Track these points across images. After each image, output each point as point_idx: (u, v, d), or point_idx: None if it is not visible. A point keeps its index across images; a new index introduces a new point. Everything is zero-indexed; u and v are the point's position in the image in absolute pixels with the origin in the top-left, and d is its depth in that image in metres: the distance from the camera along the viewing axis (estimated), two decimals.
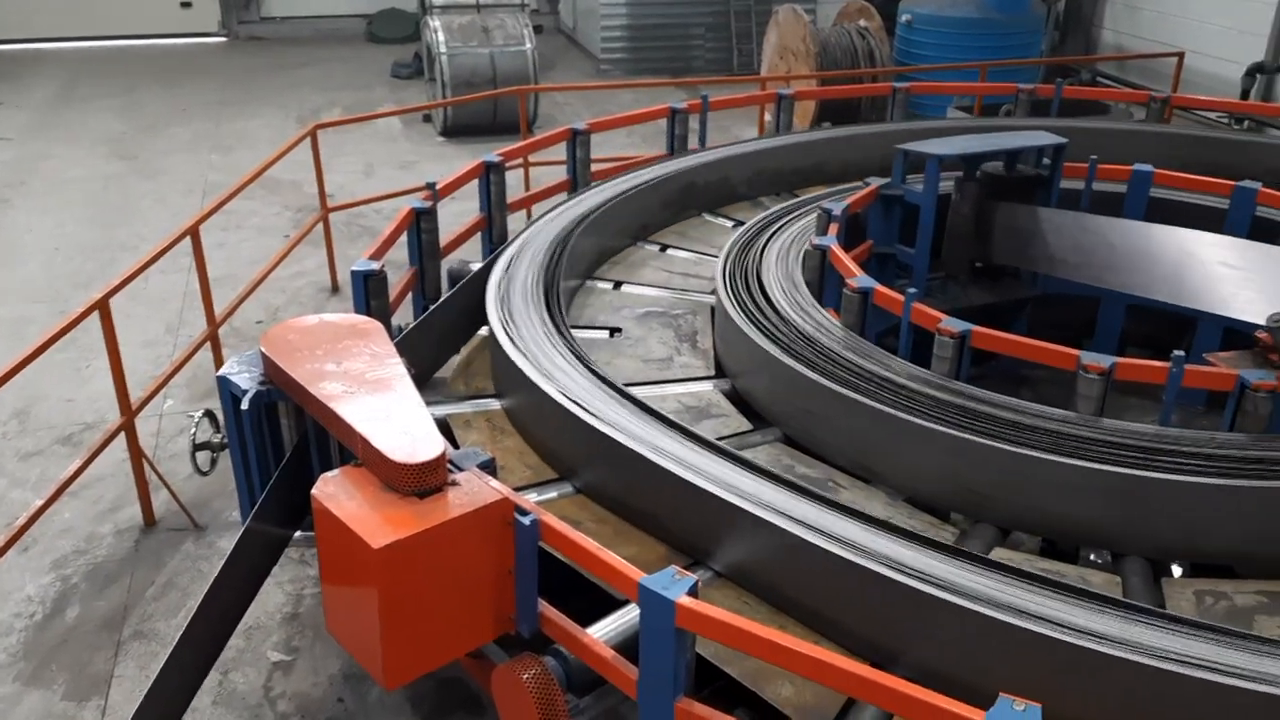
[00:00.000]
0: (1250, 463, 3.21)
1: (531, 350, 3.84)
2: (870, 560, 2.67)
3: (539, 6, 18.24)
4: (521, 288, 4.40)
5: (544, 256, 4.74)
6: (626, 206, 5.54)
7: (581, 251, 4.99)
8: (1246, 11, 11.41)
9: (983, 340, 3.85)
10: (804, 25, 10.53)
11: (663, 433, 3.33)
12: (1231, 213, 5.39)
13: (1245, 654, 2.40)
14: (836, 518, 2.90)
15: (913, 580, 2.58)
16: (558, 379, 3.62)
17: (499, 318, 4.09)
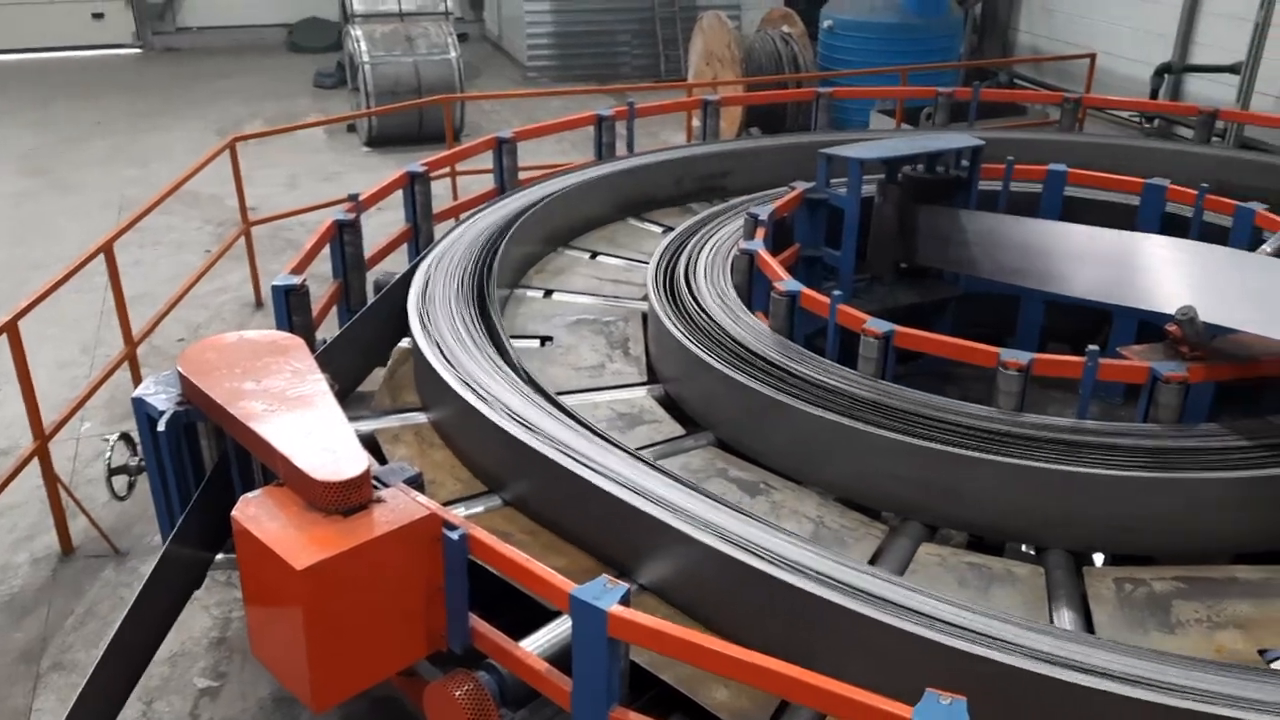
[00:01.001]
0: (1161, 453, 3.30)
1: (459, 358, 3.80)
2: (786, 572, 2.63)
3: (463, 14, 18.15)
4: (444, 295, 4.35)
5: (469, 262, 4.69)
6: (548, 212, 5.52)
7: (507, 259, 4.95)
8: (1154, 14, 11.80)
9: (906, 340, 3.90)
10: (728, 32, 10.62)
11: (587, 441, 3.30)
12: (1142, 209, 5.55)
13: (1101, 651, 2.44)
14: (758, 530, 2.86)
15: (829, 591, 2.56)
16: (482, 388, 3.58)
17: (421, 327, 4.03)
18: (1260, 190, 5.79)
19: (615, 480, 3.03)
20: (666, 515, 2.85)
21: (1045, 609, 3.02)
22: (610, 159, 6.41)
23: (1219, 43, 10.84)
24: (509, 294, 5.06)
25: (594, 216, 6.00)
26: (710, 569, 2.74)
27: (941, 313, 5.71)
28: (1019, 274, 4.89)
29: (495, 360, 3.83)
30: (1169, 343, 3.68)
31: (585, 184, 5.92)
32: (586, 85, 13.38)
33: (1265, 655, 2.80)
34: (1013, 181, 5.88)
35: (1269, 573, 3.15)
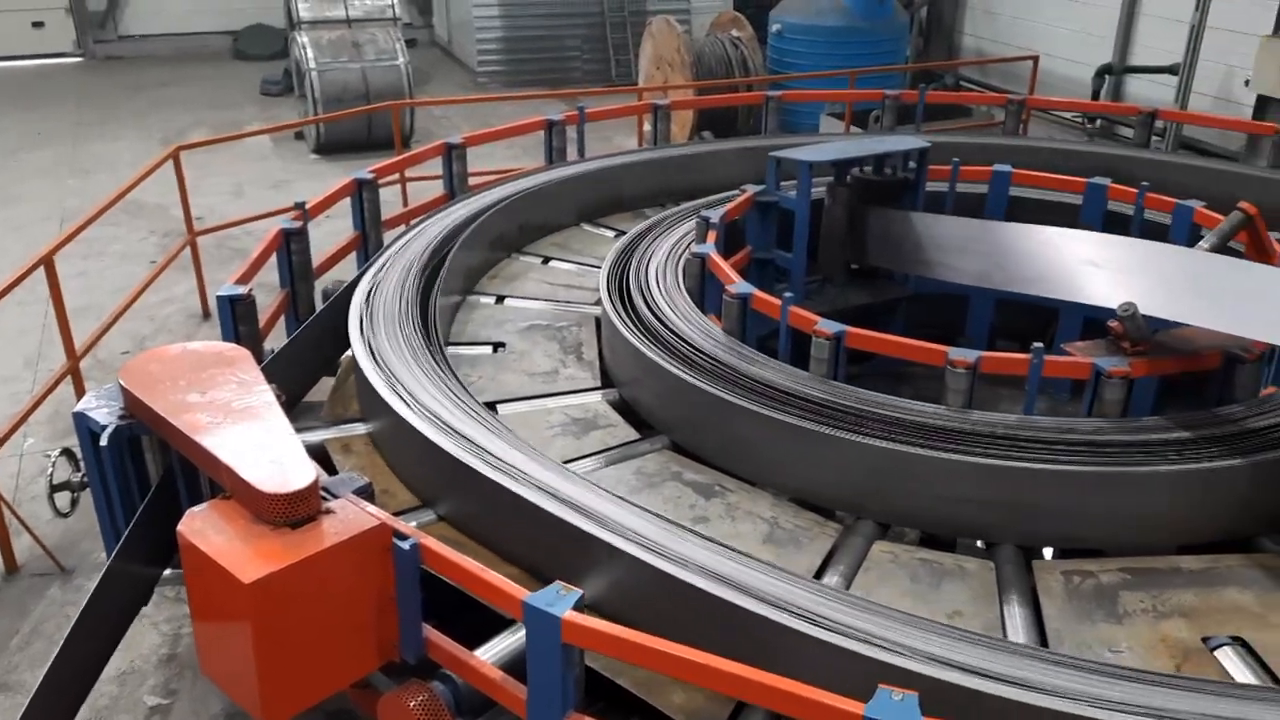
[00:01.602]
0: (1105, 447, 3.36)
1: (395, 369, 3.72)
2: (724, 589, 2.60)
3: (412, 20, 18.04)
4: (387, 304, 4.29)
5: (415, 271, 4.64)
6: (499, 219, 5.49)
7: (456, 266, 4.92)
8: (1094, 16, 12.03)
9: (857, 340, 3.94)
10: (677, 36, 10.66)
11: (519, 453, 3.25)
12: (1085, 208, 5.66)
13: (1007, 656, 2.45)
14: (693, 546, 2.81)
15: (768, 610, 2.52)
16: (413, 399, 3.52)
17: (360, 337, 3.95)
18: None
19: (544, 491, 2.98)
20: (594, 528, 2.81)
21: (995, 603, 3.06)
22: (561, 163, 6.40)
23: (1157, 44, 11.08)
24: (460, 300, 5.03)
25: (549, 222, 5.98)
26: (640, 582, 2.68)
27: (893, 313, 5.77)
28: (965, 273, 4.95)
29: (433, 370, 3.77)
30: (1112, 338, 3.75)
31: (539, 189, 5.90)
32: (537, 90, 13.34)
33: (1208, 643, 2.86)
34: (959, 182, 5.96)
35: (1211, 562, 3.21)
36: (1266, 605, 3.01)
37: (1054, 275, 4.37)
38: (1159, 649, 2.84)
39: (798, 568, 3.19)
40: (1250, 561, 3.23)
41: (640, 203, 6.43)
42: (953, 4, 14.35)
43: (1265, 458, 3.32)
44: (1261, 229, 4.19)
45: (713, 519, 3.43)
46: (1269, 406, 3.60)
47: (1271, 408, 3.59)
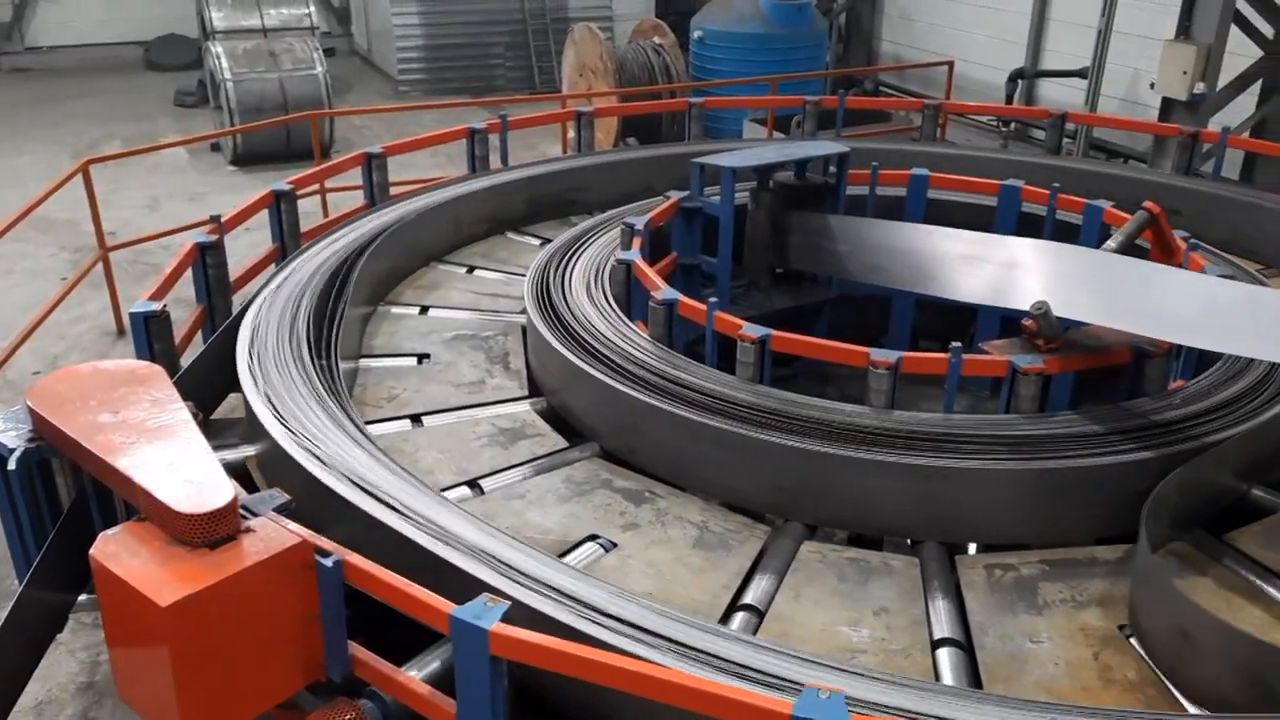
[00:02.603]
0: (1021, 442, 3.44)
1: (278, 392, 3.61)
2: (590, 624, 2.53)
3: (331, 29, 17.79)
4: (279, 321, 4.16)
5: (316, 284, 4.53)
6: (412, 228, 5.43)
7: (368, 276, 4.83)
8: (1006, 22, 12.34)
9: (781, 344, 3.97)
10: (600, 43, 10.68)
11: (396, 478, 3.18)
12: (1000, 209, 5.79)
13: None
14: (561, 574, 2.75)
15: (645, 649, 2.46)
16: (293, 422, 3.41)
17: (246, 359, 3.82)
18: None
19: (412, 520, 2.91)
20: (465, 561, 2.73)
21: (921, 599, 3.12)
22: (485, 172, 6.36)
23: (1067, 49, 11.41)
24: (371, 311, 4.96)
25: (467, 231, 5.93)
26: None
27: (818, 315, 5.84)
28: (884, 275, 5.04)
29: (314, 389, 3.67)
30: (1026, 337, 3.84)
31: (457, 198, 5.86)
32: (460, 98, 13.26)
33: (1124, 630, 2.95)
34: (879, 185, 6.06)
35: (1126, 552, 3.31)
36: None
37: (969, 277, 4.47)
38: (1078, 638, 2.92)
39: (728, 570, 3.22)
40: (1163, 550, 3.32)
41: (563, 210, 6.42)
42: (870, 11, 14.61)
43: (1175, 450, 3.43)
44: (1165, 227, 4.34)
45: (643, 525, 3.43)
46: (1177, 400, 3.72)
47: (1180, 401, 3.71)
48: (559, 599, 2.60)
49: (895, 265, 5.01)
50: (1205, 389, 3.80)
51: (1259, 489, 3.67)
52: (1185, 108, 8.13)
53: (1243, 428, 3.52)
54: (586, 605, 2.58)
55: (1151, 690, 2.74)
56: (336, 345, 4.09)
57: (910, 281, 4.97)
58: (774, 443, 3.46)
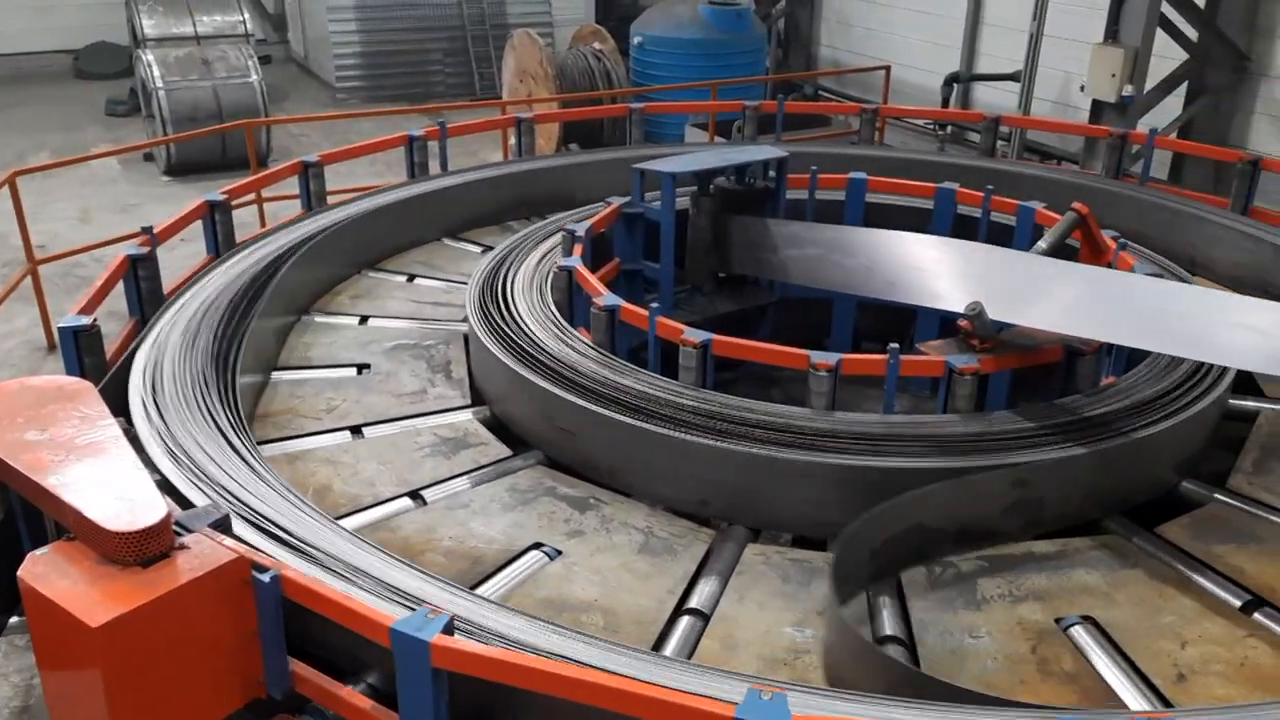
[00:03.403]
0: (956, 441, 3.50)
1: (170, 415, 3.47)
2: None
3: (266, 35, 17.54)
4: (181, 338, 4.04)
5: (231, 297, 4.43)
6: (339, 235, 5.38)
7: (291, 286, 4.74)
8: (941, 26, 12.54)
9: (723, 348, 3.99)
10: (539, 49, 10.66)
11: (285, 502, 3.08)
12: (936, 212, 5.89)
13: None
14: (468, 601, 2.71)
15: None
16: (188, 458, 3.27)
17: (140, 384, 3.69)
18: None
19: (304, 551, 2.82)
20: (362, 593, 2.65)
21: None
22: (422, 178, 6.31)
23: (1000, 53, 11.63)
24: (295, 320, 4.90)
25: (400, 237, 5.88)
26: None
27: (761, 318, 5.88)
28: (823, 278, 5.09)
29: (214, 412, 3.55)
30: (962, 337, 3.91)
31: (388, 205, 5.80)
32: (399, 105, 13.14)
33: (1060, 623, 3.01)
34: (819, 189, 6.12)
35: (1062, 546, 3.38)
36: (1112, 584, 3.18)
37: (905, 279, 4.53)
38: (1016, 632, 2.97)
39: (673, 575, 3.23)
40: (1097, 544, 3.40)
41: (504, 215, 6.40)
42: (808, 16, 14.76)
43: (1107, 445, 3.51)
44: (1094, 227, 4.44)
45: (588, 532, 3.43)
46: (1108, 396, 3.81)
47: (1110, 397, 3.80)
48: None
49: (834, 268, 5.06)
50: (1134, 385, 3.89)
51: (1189, 482, 3.78)
52: (1114, 109, 8.32)
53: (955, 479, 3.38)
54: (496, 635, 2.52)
55: (1088, 681, 2.79)
56: (237, 363, 3.96)
57: (848, 284, 5.02)
58: (716, 447, 3.48)
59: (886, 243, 4.79)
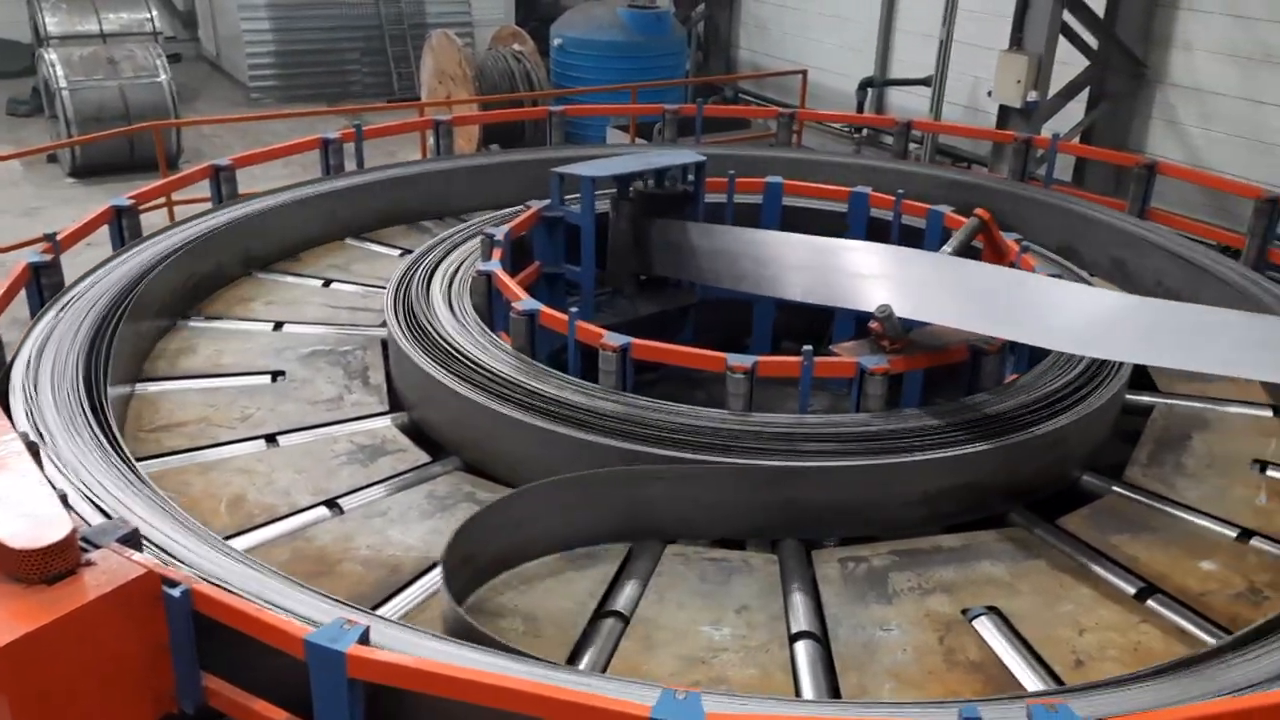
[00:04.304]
0: (867, 440, 3.60)
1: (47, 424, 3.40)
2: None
3: (176, 33, 17.12)
4: (60, 342, 3.94)
5: (103, 302, 4.32)
6: (230, 237, 5.31)
7: (155, 293, 4.62)
8: (855, 31, 12.79)
9: (642, 351, 4.03)
10: (458, 50, 10.60)
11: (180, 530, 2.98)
12: (850, 215, 6.01)
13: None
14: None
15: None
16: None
17: (20, 384, 3.61)
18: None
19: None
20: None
21: (780, 595, 3.22)
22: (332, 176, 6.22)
23: (912, 58, 11.91)
24: (170, 325, 4.81)
25: (293, 238, 5.79)
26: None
27: (684, 319, 5.94)
28: (742, 280, 5.17)
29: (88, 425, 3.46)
30: (873, 338, 4.01)
31: (285, 204, 5.74)
32: (315, 106, 12.94)
33: (966, 614, 3.11)
34: (737, 193, 6.20)
35: (968, 539, 3.50)
36: (1015, 575, 3.30)
37: (818, 281, 4.63)
38: (924, 624, 3.07)
39: (594, 578, 3.26)
40: (1002, 536, 3.53)
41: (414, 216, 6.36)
42: (728, 20, 14.92)
43: (1010, 441, 3.64)
44: (994, 231, 4.59)
45: None
46: (1010, 393, 3.95)
47: (1012, 394, 3.93)
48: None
49: (752, 271, 5.14)
50: (1034, 382, 4.03)
51: (1089, 475, 3.94)
52: (1020, 114, 8.60)
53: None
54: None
55: (992, 670, 2.90)
56: (106, 374, 3.84)
57: (766, 286, 5.11)
58: (635, 450, 3.52)
59: (801, 245, 4.89)
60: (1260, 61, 8.42)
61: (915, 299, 4.06)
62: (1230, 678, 2.51)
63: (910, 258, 4.44)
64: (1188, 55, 9.00)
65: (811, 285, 4.69)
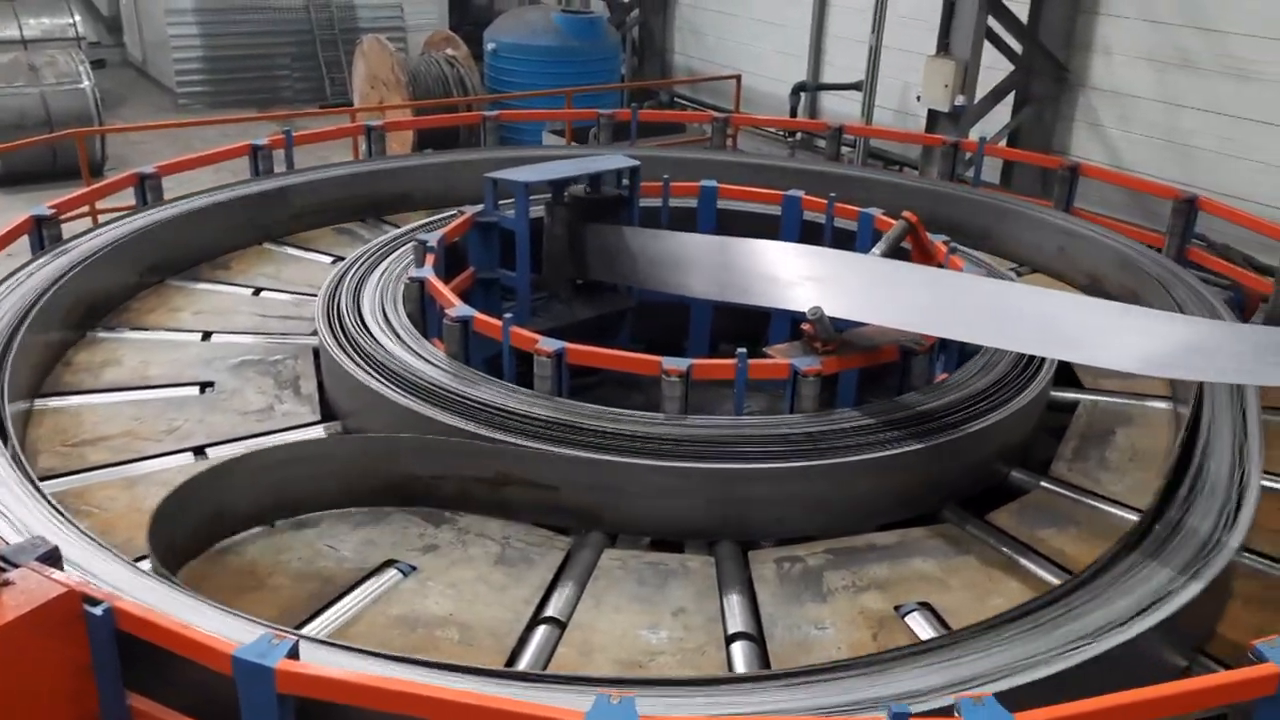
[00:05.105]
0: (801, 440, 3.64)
1: None
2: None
3: (101, 39, 16.72)
4: None
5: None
6: (143, 242, 5.22)
7: (58, 306, 4.52)
8: (788, 36, 12.91)
9: (577, 356, 4.03)
10: (390, 55, 10.51)
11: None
12: (784, 218, 6.08)
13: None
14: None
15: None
16: None
17: None
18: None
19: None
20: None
21: (716, 596, 3.24)
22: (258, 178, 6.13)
23: (844, 63, 12.05)
24: (80, 337, 4.70)
25: (212, 242, 5.69)
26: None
27: (621, 323, 5.94)
28: (677, 284, 5.19)
29: None
30: (806, 339, 4.05)
31: (206, 208, 5.65)
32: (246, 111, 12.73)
33: (899, 610, 3.16)
34: (672, 197, 6.23)
35: (901, 537, 3.55)
36: (946, 570, 3.36)
37: (751, 284, 4.67)
38: (858, 621, 3.11)
39: (530, 585, 3.25)
40: (933, 533, 3.59)
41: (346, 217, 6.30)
42: (662, 25, 14.98)
43: (940, 440, 3.70)
44: (922, 233, 4.68)
45: (443, 546, 3.42)
46: (941, 392, 4.02)
47: (942, 393, 4.01)
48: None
49: (687, 275, 5.16)
50: (963, 380, 4.11)
51: (1018, 471, 4.02)
52: (948, 118, 8.75)
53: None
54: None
55: None
56: (3, 390, 3.74)
57: (702, 290, 5.14)
58: (570, 456, 3.52)
59: (736, 248, 4.92)
60: (1176, 65, 8.67)
61: (847, 300, 4.11)
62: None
63: (841, 260, 4.50)
64: (1107, 59, 9.24)
65: (745, 288, 4.72)
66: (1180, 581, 2.91)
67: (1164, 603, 2.82)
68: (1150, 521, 3.19)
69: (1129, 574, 2.95)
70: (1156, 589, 2.88)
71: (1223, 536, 3.11)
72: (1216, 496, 3.32)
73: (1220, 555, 3.02)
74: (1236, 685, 2.24)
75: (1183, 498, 3.31)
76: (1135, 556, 3.03)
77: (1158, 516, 3.22)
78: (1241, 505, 3.26)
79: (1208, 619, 3.08)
